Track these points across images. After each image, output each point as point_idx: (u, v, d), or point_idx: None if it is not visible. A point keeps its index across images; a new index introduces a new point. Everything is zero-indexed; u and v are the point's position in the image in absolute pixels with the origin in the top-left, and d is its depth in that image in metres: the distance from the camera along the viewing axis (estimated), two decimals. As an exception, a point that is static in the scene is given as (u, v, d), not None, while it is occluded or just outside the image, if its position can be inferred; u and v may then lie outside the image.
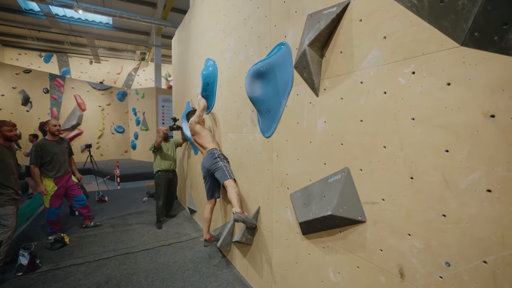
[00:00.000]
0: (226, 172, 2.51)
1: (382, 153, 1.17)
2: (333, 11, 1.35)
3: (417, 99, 1.03)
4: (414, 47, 1.04)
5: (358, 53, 1.27)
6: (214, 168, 2.61)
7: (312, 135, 1.58)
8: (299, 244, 1.74)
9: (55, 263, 2.82)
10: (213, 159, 2.65)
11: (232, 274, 2.64)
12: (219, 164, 2.59)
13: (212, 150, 2.75)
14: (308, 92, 1.58)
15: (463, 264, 0.90)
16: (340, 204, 1.32)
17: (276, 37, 1.89)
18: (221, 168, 2.55)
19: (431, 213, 1.00)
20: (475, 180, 0.87)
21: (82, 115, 11.19)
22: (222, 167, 2.56)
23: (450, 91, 0.93)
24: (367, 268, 1.27)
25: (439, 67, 0.96)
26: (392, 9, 1.11)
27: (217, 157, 2.65)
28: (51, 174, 3.37)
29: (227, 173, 2.50)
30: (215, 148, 2.76)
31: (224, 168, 2.54)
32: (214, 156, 2.67)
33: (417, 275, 1.05)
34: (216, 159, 2.64)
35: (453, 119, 0.92)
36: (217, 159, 2.64)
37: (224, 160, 2.66)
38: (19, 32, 12.16)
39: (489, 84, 0.83)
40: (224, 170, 2.53)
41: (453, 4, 0.88)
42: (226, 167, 2.57)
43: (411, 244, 1.07)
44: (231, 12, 2.59)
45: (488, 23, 0.79)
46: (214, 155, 2.68)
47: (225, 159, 2.70)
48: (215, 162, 2.62)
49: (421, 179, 1.03)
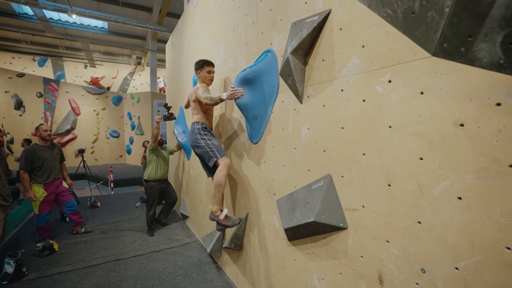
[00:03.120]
0: (211, 153, 2.10)
1: (362, 160, 1.19)
2: (315, 19, 1.37)
3: (393, 107, 1.05)
4: (390, 56, 1.06)
5: (338, 61, 1.29)
6: (198, 149, 2.23)
7: (297, 142, 1.59)
8: (285, 251, 1.74)
9: (42, 271, 2.78)
10: (194, 136, 2.25)
11: (222, 281, 2.62)
12: (201, 144, 2.17)
13: (193, 124, 2.34)
14: (292, 99, 1.60)
15: (437, 271, 0.91)
16: (323, 211, 1.32)
17: (263, 44, 1.91)
18: (203, 149, 2.15)
19: (407, 220, 1.01)
20: (447, 188, 0.88)
21: (77, 120, 11.12)
22: (205, 147, 2.14)
23: (423, 99, 0.95)
24: (349, 275, 1.27)
25: (413, 76, 0.98)
26: (369, 19, 1.13)
27: (197, 133, 2.24)
28: (40, 180, 3.34)
29: (212, 155, 2.09)
30: (197, 122, 2.32)
31: (207, 149, 2.13)
32: (194, 132, 2.26)
33: (395, 282, 1.06)
34: (196, 136, 2.23)
35: (426, 127, 0.94)
36: (196, 136, 2.23)
37: (206, 135, 2.22)
38: (12, 35, 12.10)
39: (458, 94, 0.85)
40: (209, 152, 2.11)
41: (423, 16, 0.90)
42: (209, 146, 2.14)
43: (389, 250, 1.08)
44: (221, 18, 2.62)
45: (455, 35, 0.81)
46: (194, 130, 2.28)
47: (208, 132, 2.27)
48: (195, 140, 2.23)
49: (397, 186, 1.04)
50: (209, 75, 2.38)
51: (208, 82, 2.39)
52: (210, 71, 2.38)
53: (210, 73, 2.39)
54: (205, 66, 2.36)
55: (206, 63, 2.38)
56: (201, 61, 2.40)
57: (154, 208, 3.88)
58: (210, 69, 2.38)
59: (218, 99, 2.07)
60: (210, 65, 2.39)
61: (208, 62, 2.39)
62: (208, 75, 2.37)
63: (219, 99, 2.07)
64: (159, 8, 9.81)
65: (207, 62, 2.39)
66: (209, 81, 2.40)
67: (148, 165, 3.89)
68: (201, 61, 2.40)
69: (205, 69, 2.36)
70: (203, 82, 2.37)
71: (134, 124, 11.47)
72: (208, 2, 2.97)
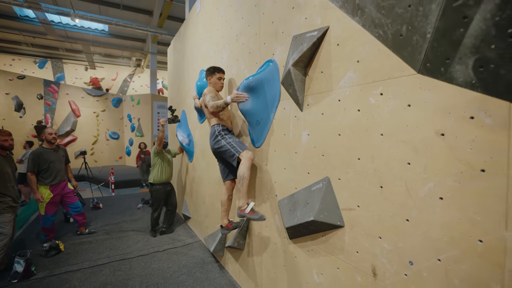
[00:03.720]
0: (232, 150, 2.13)
1: (357, 164, 1.31)
2: (315, 35, 1.50)
3: (385, 117, 1.17)
4: (381, 71, 1.18)
5: (336, 74, 1.41)
6: (219, 150, 2.28)
7: (297, 146, 1.72)
8: (287, 248, 1.86)
9: (50, 270, 2.87)
10: (215, 138, 2.31)
11: (225, 279, 2.73)
12: (222, 143, 2.23)
13: (212, 126, 2.39)
14: (293, 106, 1.72)
15: (423, 263, 1.03)
16: (322, 211, 1.44)
17: (265, 54, 2.03)
18: (225, 148, 2.19)
19: (397, 218, 1.13)
20: (431, 189, 1.01)
21: (77, 121, 11.19)
22: (226, 146, 2.19)
23: (410, 111, 1.07)
24: (345, 269, 1.39)
25: (402, 90, 1.10)
26: (363, 37, 1.26)
27: (218, 135, 2.30)
28: (47, 182, 3.43)
29: (234, 151, 2.11)
30: (216, 124, 2.37)
31: (228, 147, 2.17)
32: (215, 134, 2.32)
33: (387, 274, 1.18)
34: (217, 137, 2.29)
35: (413, 136, 1.06)
36: (217, 137, 2.29)
37: (226, 135, 2.29)
38: (13, 38, 12.17)
39: (439, 107, 0.97)
40: (230, 149, 2.15)
41: (410, 39, 1.03)
42: (230, 143, 2.19)
43: (382, 246, 1.20)
44: (224, 27, 2.74)
45: (435, 57, 0.94)
46: (214, 133, 2.34)
47: (228, 132, 2.34)
48: (217, 141, 2.28)
49: (388, 188, 1.16)
50: (219, 81, 2.46)
51: (218, 88, 2.48)
52: (220, 77, 2.46)
53: (221, 80, 2.47)
54: (216, 73, 2.45)
55: (217, 69, 2.46)
56: (212, 67, 2.48)
57: (159, 210, 3.96)
58: (220, 75, 2.46)
59: (224, 104, 2.15)
60: (221, 72, 2.48)
61: (219, 69, 2.48)
62: (219, 82, 2.46)
63: (224, 103, 2.15)
64: (160, 12, 9.94)
65: (218, 69, 2.47)
66: (220, 87, 2.48)
67: (153, 168, 3.91)
68: (212, 67, 2.48)
69: (215, 76, 2.44)
70: (214, 87, 2.46)
71: (134, 126, 11.55)
72: (211, 10, 3.10)
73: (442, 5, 0.87)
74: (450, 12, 0.86)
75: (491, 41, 0.78)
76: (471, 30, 0.81)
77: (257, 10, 2.12)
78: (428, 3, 0.92)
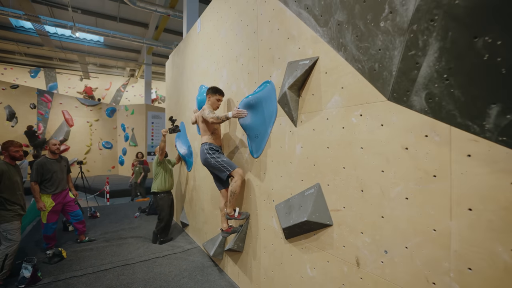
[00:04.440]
0: (222, 168, 2.41)
1: (342, 172, 1.58)
2: (307, 63, 1.79)
3: (364, 134, 1.45)
4: (361, 97, 1.47)
5: (324, 97, 1.70)
6: (210, 167, 2.54)
7: (292, 157, 1.98)
8: (283, 248, 2.09)
9: (55, 275, 2.98)
10: (204, 156, 2.55)
11: (224, 280, 2.91)
12: (212, 162, 2.47)
13: (201, 145, 2.62)
14: (288, 122, 1.99)
15: (394, 250, 1.29)
16: (314, 212, 1.69)
17: (263, 75, 2.31)
18: (215, 166, 2.44)
19: (375, 216, 1.39)
20: (399, 192, 1.28)
21: (70, 131, 11.20)
22: (216, 164, 2.42)
23: (383, 130, 1.35)
24: (334, 262, 1.64)
25: (376, 113, 1.39)
26: (346, 68, 1.55)
27: (206, 153, 2.53)
28: (49, 191, 3.56)
29: (224, 170, 2.40)
30: (204, 143, 2.62)
31: (218, 166, 2.42)
32: (204, 153, 2.56)
33: (368, 262, 1.43)
34: (206, 155, 2.53)
35: (385, 149, 1.34)
36: (206, 155, 2.52)
37: (214, 153, 2.51)
38: (7, 47, 12.20)
39: (404, 127, 1.26)
40: (220, 167, 2.41)
41: (381, 73, 1.32)
42: (219, 162, 2.44)
43: (363, 239, 1.45)
44: (224, 48, 3.03)
45: (399, 89, 1.23)
46: (204, 151, 2.57)
47: (216, 151, 2.56)
48: (206, 159, 2.53)
49: (368, 191, 1.43)
50: (217, 102, 2.70)
51: (215, 107, 2.72)
52: (219, 99, 2.70)
53: (219, 101, 2.71)
54: (217, 94, 2.69)
55: (219, 91, 2.70)
56: (216, 88, 2.71)
57: (165, 219, 3.98)
58: (220, 97, 2.70)
59: (224, 117, 2.42)
60: (221, 95, 2.71)
61: (221, 91, 2.72)
62: (217, 102, 2.70)
63: (225, 117, 2.42)
64: (156, 24, 10.25)
65: (220, 91, 2.71)
66: (216, 107, 2.73)
67: (156, 177, 4.04)
68: (215, 88, 2.71)
69: (216, 96, 2.68)
70: (211, 106, 2.70)
71: (128, 135, 11.62)
72: (211, 31, 3.39)
73: (401, 53, 1.16)
74: (407, 58, 1.15)
75: (434, 81, 1.07)
76: (422, 72, 1.10)
77: (256, 37, 2.41)
78: (392, 49, 1.21)
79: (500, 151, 0.95)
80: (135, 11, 9.54)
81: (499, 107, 0.91)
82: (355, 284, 1.51)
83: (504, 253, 0.95)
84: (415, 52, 1.10)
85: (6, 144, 2.90)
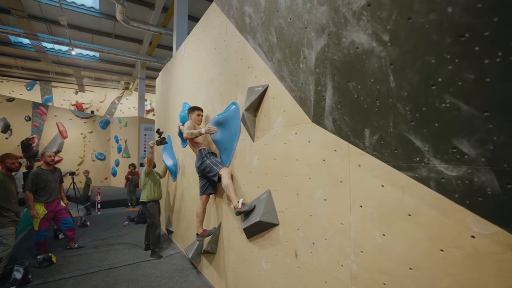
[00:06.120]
0: (214, 167, 2.65)
1: (284, 180, 1.92)
2: (260, 89, 2.16)
3: (298, 148, 1.80)
4: (296, 119, 1.83)
5: (272, 117, 2.06)
6: (203, 167, 2.75)
7: (251, 168, 2.32)
8: (246, 246, 2.40)
9: (44, 278, 3.23)
10: (201, 159, 2.80)
11: (201, 281, 3.19)
12: (206, 162, 2.74)
13: (199, 150, 2.88)
14: (248, 138, 2.35)
15: (318, 242, 1.63)
16: (265, 213, 2.02)
17: (230, 97, 2.68)
18: (208, 166, 2.70)
19: (306, 214, 1.73)
20: (320, 194, 1.62)
21: (63, 142, 11.43)
22: (209, 164, 2.70)
23: (310, 145, 1.71)
24: (281, 255, 1.95)
25: (305, 132, 1.75)
26: (286, 95, 1.92)
27: (204, 156, 2.80)
28: (42, 200, 3.83)
29: (215, 168, 2.64)
30: (203, 148, 2.88)
31: (211, 165, 2.68)
32: (202, 156, 2.81)
33: (303, 253, 1.75)
34: (203, 158, 2.79)
35: (312, 161, 1.69)
36: (203, 158, 2.79)
37: (210, 156, 2.80)
38: (4, 61, 12.55)
39: (322, 143, 1.62)
40: (212, 166, 2.67)
41: (305, 101, 1.68)
42: (213, 162, 2.70)
43: (299, 235, 1.79)
44: (202, 71, 3.41)
45: (316, 114, 1.59)
46: (201, 154, 2.83)
47: (212, 154, 2.85)
48: (202, 162, 2.78)
49: (301, 195, 1.77)
50: (198, 117, 3.06)
51: (198, 122, 3.07)
52: (199, 114, 3.08)
53: (199, 116, 3.08)
54: (195, 111, 3.07)
55: (196, 108, 3.09)
56: (193, 107, 3.12)
57: (159, 226, 4.08)
58: (199, 112, 3.09)
59: (198, 133, 2.77)
60: (199, 110, 3.10)
61: (198, 108, 3.11)
62: (198, 117, 3.06)
63: (198, 133, 2.77)
64: (149, 41, 10.73)
65: (197, 108, 3.10)
66: (199, 121, 3.08)
67: (144, 188, 4.15)
68: (192, 107, 3.12)
69: (195, 113, 3.06)
70: (194, 121, 3.04)
71: (121, 147, 11.89)
72: (193, 55, 3.79)
73: (314, 88, 1.53)
74: (316, 92, 1.52)
75: (334, 110, 1.44)
76: (327, 103, 1.47)
77: (226, 63, 2.80)
78: (308, 84, 1.58)
79: (374, 162, 1.31)
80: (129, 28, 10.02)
81: (369, 130, 1.27)
82: (294, 273, 1.83)
83: (379, 237, 1.29)
84: (320, 88, 1.47)
85: (3, 156, 3.20)
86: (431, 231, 1.08)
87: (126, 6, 6.77)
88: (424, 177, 1.05)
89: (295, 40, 1.63)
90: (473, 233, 0.97)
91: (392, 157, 1.18)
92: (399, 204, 1.20)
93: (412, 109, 0.99)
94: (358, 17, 1.06)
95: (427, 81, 0.90)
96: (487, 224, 0.93)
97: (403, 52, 0.94)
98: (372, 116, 1.19)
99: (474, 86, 0.77)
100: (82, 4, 8.27)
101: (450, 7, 0.75)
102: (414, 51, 0.89)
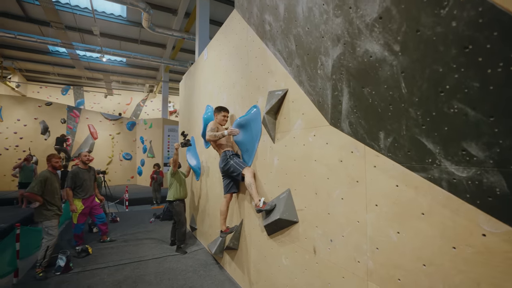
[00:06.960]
0: (237, 167, 2.78)
1: (304, 179, 2.02)
2: (280, 93, 2.27)
3: (316, 150, 1.89)
4: (315, 122, 1.92)
5: (292, 120, 2.16)
6: (227, 167, 2.89)
7: (271, 168, 2.44)
8: (266, 243, 2.52)
9: (83, 267, 3.55)
10: (225, 160, 2.93)
11: (223, 275, 3.35)
12: (230, 163, 2.87)
13: (224, 152, 3.00)
14: (269, 140, 2.47)
15: (336, 239, 1.71)
16: (284, 211, 2.13)
17: (252, 100, 2.82)
18: (232, 167, 2.83)
19: (324, 213, 1.82)
20: (338, 193, 1.70)
21: (94, 143, 12.22)
22: (233, 165, 2.83)
23: (328, 147, 1.80)
24: (300, 251, 2.05)
25: (324, 134, 1.83)
26: (305, 99, 2.01)
27: (228, 158, 2.92)
28: (80, 196, 4.20)
29: (239, 168, 2.77)
30: (227, 150, 3.00)
31: (235, 166, 2.81)
32: (226, 157, 2.94)
33: (321, 250, 1.84)
34: (227, 160, 2.91)
35: (329, 161, 1.78)
36: (228, 160, 2.91)
37: (234, 157, 2.92)
38: (43, 69, 13.65)
39: (339, 145, 1.70)
40: (236, 167, 2.80)
41: (323, 105, 1.77)
42: (236, 163, 2.83)
43: (318, 232, 1.88)
44: (224, 76, 3.58)
45: (334, 117, 1.68)
46: (226, 156, 2.95)
47: (236, 155, 2.97)
48: (226, 163, 2.90)
49: (320, 194, 1.86)
50: (224, 118, 3.17)
51: (223, 123, 3.19)
52: (225, 115, 3.19)
53: (225, 117, 3.19)
54: (222, 111, 3.18)
55: (222, 109, 3.20)
56: (219, 107, 3.21)
57: (185, 224, 4.29)
58: (225, 114, 3.19)
59: (221, 135, 2.90)
60: (225, 111, 3.20)
61: (224, 108, 3.21)
62: (223, 118, 3.17)
63: (221, 134, 2.90)
64: (172, 45, 11.19)
65: (223, 108, 3.21)
66: (224, 122, 3.20)
67: (171, 187, 4.36)
68: (219, 107, 3.21)
69: (221, 113, 3.17)
70: (219, 122, 3.16)
71: (146, 147, 12.48)
72: (215, 60, 3.97)
73: (331, 93, 1.62)
74: (333, 97, 1.61)
75: (350, 113, 1.52)
76: (343, 107, 1.56)
77: (247, 68, 2.93)
78: (326, 89, 1.67)
79: (389, 163, 1.38)
80: (154, 34, 10.52)
81: (384, 133, 1.34)
82: (313, 269, 1.92)
83: (393, 234, 1.36)
84: (337, 93, 1.56)
85: (49, 156, 3.57)
86: (444, 229, 1.14)
87: (152, 13, 7.15)
88: (436, 177, 1.11)
89: (312, 48, 1.73)
90: (484, 231, 1.02)
91: (405, 158, 1.25)
92: (413, 203, 1.26)
93: (423, 114, 1.06)
94: (371, 28, 1.14)
95: (436, 88, 0.97)
96: (497, 223, 0.98)
97: (413, 61, 1.01)
98: (386, 119, 1.27)
99: (479, 93, 0.84)
100: (112, 13, 8.83)
101: (454, 21, 0.81)
102: (423, 60, 0.96)
